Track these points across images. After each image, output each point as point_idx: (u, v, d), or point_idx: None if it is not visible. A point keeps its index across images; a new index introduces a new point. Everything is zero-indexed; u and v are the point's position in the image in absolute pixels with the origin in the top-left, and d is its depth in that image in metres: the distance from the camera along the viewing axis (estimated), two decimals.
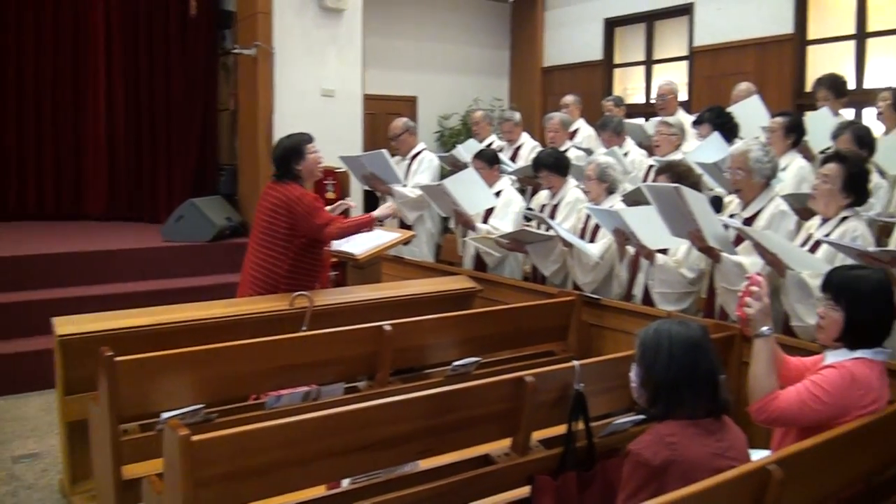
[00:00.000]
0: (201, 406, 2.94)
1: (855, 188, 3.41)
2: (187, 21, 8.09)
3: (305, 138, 4.27)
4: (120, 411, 2.85)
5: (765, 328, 2.50)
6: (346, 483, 2.58)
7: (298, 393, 3.23)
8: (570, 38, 9.83)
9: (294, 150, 4.21)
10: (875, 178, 4.30)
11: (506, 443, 2.79)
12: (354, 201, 5.82)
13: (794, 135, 4.67)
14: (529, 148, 6.80)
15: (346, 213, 4.70)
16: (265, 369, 3.17)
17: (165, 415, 2.79)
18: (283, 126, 7.17)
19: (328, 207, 4.56)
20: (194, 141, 8.30)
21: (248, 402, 3.35)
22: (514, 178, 6.00)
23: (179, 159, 8.30)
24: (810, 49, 7.40)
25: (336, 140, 7.17)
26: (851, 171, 3.40)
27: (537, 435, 2.85)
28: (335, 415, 2.36)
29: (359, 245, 4.60)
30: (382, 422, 2.44)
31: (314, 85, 7.74)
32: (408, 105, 9.98)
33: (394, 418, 2.46)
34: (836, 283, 2.51)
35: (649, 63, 9.15)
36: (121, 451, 2.84)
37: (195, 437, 2.12)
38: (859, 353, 2.45)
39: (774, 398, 2.42)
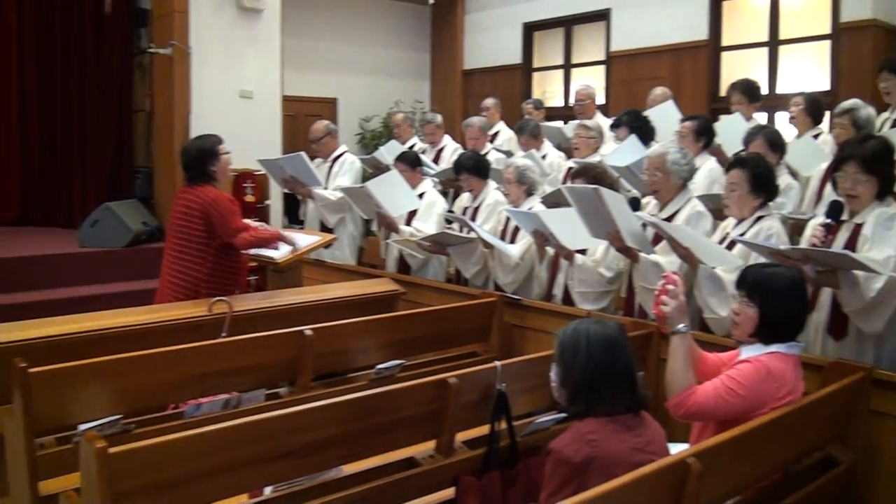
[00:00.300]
0: (119, 417, 2.85)
1: (763, 187, 3.53)
2: (102, 19, 7.80)
3: (216, 139, 4.25)
4: (35, 425, 2.73)
5: (681, 325, 2.55)
6: (268, 491, 2.53)
7: (218, 401, 3.16)
8: (490, 42, 9.92)
9: (210, 151, 4.18)
10: (787, 179, 4.47)
11: (430, 445, 2.80)
12: (274, 205, 5.74)
13: (704, 137, 4.82)
14: (451, 150, 6.84)
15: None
16: (184, 377, 3.08)
17: (82, 427, 2.70)
18: (200, 128, 6.95)
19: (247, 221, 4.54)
20: (109, 143, 8.01)
21: (167, 411, 3.26)
22: (436, 180, 6.02)
23: (94, 162, 8.00)
24: (724, 55, 7.65)
25: (255, 142, 7.06)
26: (755, 172, 3.51)
27: (461, 436, 2.86)
28: (256, 422, 2.32)
29: (279, 249, 4.54)
30: (304, 428, 2.41)
31: (232, 86, 7.58)
32: (328, 107, 9.89)
33: (316, 424, 2.43)
34: (750, 281, 2.59)
35: (568, 67, 9.31)
36: (37, 466, 2.71)
37: (113, 449, 2.05)
38: (774, 348, 2.52)
39: (692, 393, 2.47)
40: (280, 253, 4.52)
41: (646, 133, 5.26)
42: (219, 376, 3.17)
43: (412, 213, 5.23)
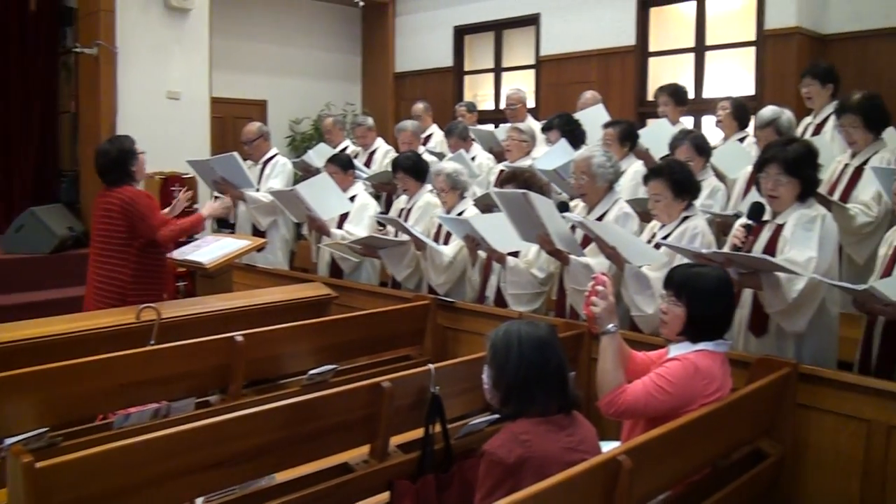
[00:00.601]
0: (45, 429, 2.76)
1: (685, 189, 3.62)
2: (27, 17, 7.55)
3: (131, 139, 4.29)
4: None
5: (610, 325, 2.59)
6: (200, 502, 2.49)
7: (148, 410, 3.09)
8: (421, 45, 9.93)
9: (129, 151, 4.22)
10: (713, 182, 4.60)
11: (364, 450, 2.78)
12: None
13: (628, 141, 4.93)
14: (384, 152, 6.83)
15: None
16: (112, 387, 3.00)
17: (8, 441, 2.60)
18: (127, 130, 6.80)
19: (166, 211, 4.48)
20: (33, 146, 7.75)
21: (95, 422, 3.16)
22: (367, 183, 5.99)
23: (18, 165, 7.72)
24: (652, 60, 7.82)
25: (182, 145, 6.94)
26: (675, 178, 3.59)
27: (395, 440, 2.86)
28: (186, 432, 2.27)
29: (207, 253, 4.47)
30: (236, 436, 2.37)
31: (159, 87, 7.44)
32: (257, 109, 9.77)
33: (247, 432, 2.39)
34: (677, 280, 2.65)
35: (498, 71, 9.39)
36: None
37: (39, 464, 1.99)
38: (701, 346, 2.58)
39: (622, 392, 2.51)
40: (209, 258, 4.46)
41: (576, 136, 5.32)
42: (148, 385, 3.10)
43: (343, 217, 5.20)
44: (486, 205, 4.71)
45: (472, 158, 6.18)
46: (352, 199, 5.25)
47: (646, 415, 2.54)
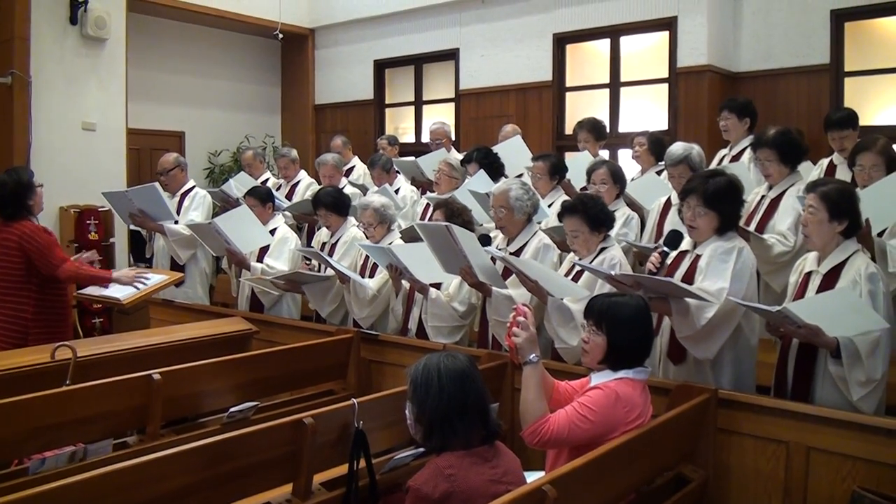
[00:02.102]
0: None
1: (601, 223, 3.72)
2: None
3: (29, 171, 4.24)
4: None
5: (532, 356, 2.62)
6: None
7: (64, 454, 2.98)
8: (342, 78, 9.95)
9: (28, 184, 4.15)
10: (626, 211, 4.73)
11: (287, 489, 2.73)
12: (119, 243, 5.49)
13: (557, 175, 5.02)
14: (306, 185, 6.80)
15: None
16: (26, 430, 2.88)
17: None
18: (41, 161, 6.67)
19: (75, 257, 4.38)
20: None
21: (10, 468, 3.03)
22: (289, 214, 5.95)
23: None
24: (569, 95, 8.00)
25: (98, 176, 6.78)
26: (589, 213, 3.69)
27: (319, 477, 2.81)
28: (104, 475, 2.20)
29: (123, 289, 4.36)
30: (154, 478, 2.30)
31: (74, 117, 7.26)
32: (175, 140, 9.59)
33: (166, 473, 2.33)
34: (597, 310, 2.71)
35: (419, 104, 9.47)
36: None
37: None
38: (622, 374, 2.64)
39: (545, 422, 2.54)
40: (124, 293, 4.35)
41: (496, 169, 5.40)
42: (63, 427, 2.99)
43: (263, 250, 5.14)
44: (410, 237, 4.73)
45: (396, 191, 6.20)
46: (272, 231, 5.19)
47: (570, 443, 2.57)
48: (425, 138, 7.73)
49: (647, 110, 7.51)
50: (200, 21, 9.43)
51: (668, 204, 4.57)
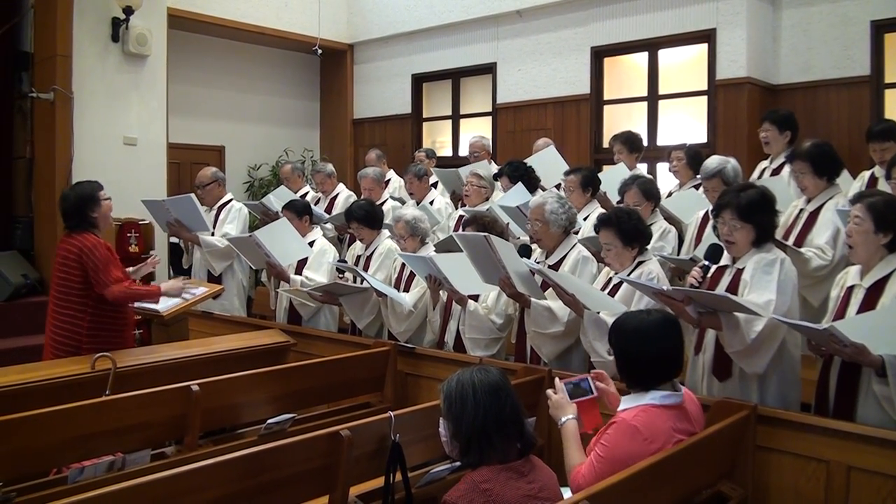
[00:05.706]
0: None
1: (635, 238, 3.67)
2: None
3: (96, 185, 4.20)
4: None
5: (562, 419, 2.65)
6: None
7: (102, 463, 3.01)
8: (380, 92, 10.03)
9: (90, 197, 4.13)
10: (663, 224, 4.68)
11: (323, 501, 2.73)
12: (159, 255, 5.56)
13: (590, 188, 4.98)
14: (345, 197, 6.85)
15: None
16: (66, 440, 2.93)
17: None
18: (83, 176, 6.69)
19: (131, 270, 4.41)
20: None
21: (49, 476, 3.07)
22: (330, 226, 5.98)
23: None
24: (607, 108, 7.96)
25: (139, 190, 6.86)
26: (622, 227, 3.64)
27: (355, 490, 2.81)
28: (141, 485, 2.21)
29: (163, 301, 4.40)
30: (192, 489, 2.31)
31: (116, 132, 7.39)
32: (215, 155, 9.72)
33: (204, 484, 2.34)
34: (610, 330, 2.72)
35: (456, 118, 9.49)
36: None
37: None
38: (649, 399, 2.58)
39: (576, 474, 2.54)
40: (165, 305, 4.39)
41: (530, 182, 5.38)
42: (102, 437, 3.03)
43: (302, 262, 5.17)
44: (447, 250, 4.72)
45: (431, 202, 6.21)
46: (311, 244, 5.23)
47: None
48: (462, 152, 7.74)
49: (685, 123, 7.44)
50: (240, 38, 9.58)
51: (706, 217, 4.51)
